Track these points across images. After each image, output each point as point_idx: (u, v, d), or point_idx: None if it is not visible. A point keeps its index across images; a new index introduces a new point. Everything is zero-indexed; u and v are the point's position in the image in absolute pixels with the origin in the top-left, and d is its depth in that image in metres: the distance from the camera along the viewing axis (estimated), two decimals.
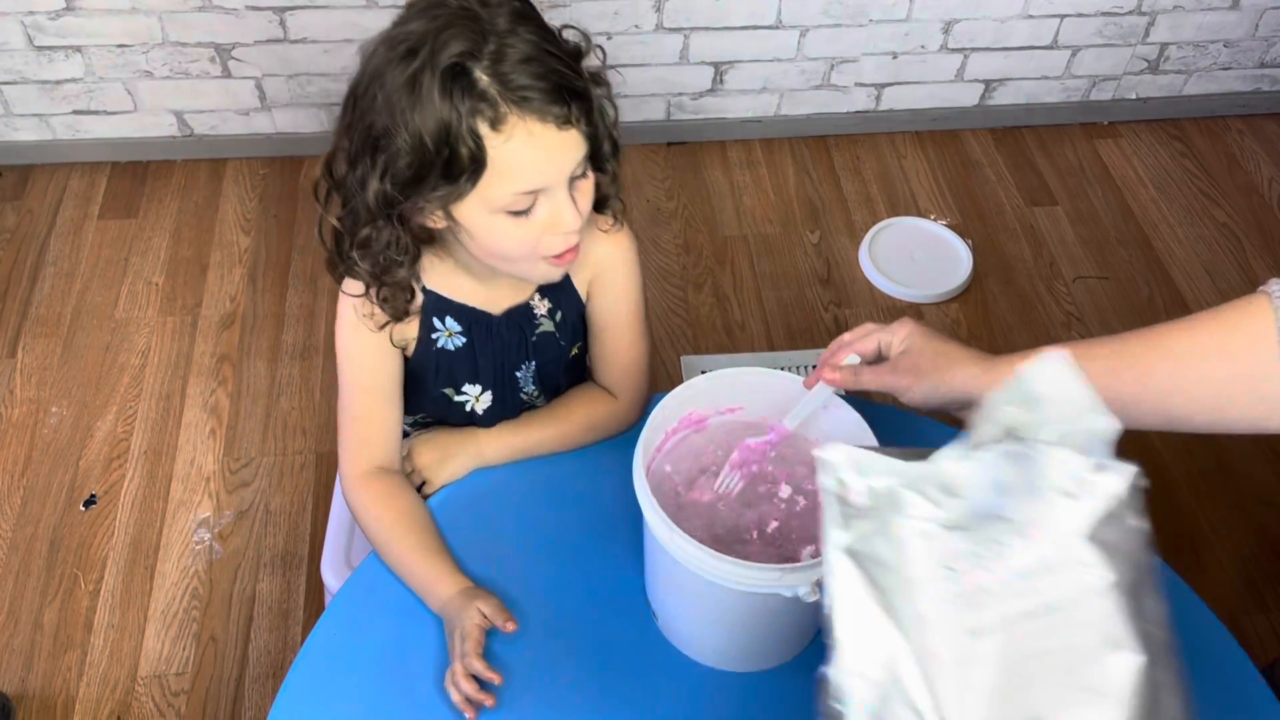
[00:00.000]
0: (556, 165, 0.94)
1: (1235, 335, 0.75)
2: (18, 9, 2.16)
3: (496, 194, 0.93)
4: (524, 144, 0.90)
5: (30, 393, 2.02)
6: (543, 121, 0.90)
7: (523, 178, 0.92)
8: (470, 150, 0.90)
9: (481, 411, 1.20)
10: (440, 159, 0.90)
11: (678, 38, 2.37)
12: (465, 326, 1.13)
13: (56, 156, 2.42)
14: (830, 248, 2.35)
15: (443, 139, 0.89)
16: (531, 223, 0.96)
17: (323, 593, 1.44)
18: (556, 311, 1.16)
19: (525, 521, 1.11)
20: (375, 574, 1.08)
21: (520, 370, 1.18)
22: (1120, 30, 2.50)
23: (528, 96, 0.89)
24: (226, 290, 2.21)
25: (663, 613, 1.02)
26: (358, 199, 0.96)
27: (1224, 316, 0.77)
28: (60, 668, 1.69)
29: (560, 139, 0.92)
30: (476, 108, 0.88)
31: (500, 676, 0.96)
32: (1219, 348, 0.76)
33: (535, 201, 0.95)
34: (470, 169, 0.91)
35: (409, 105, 0.89)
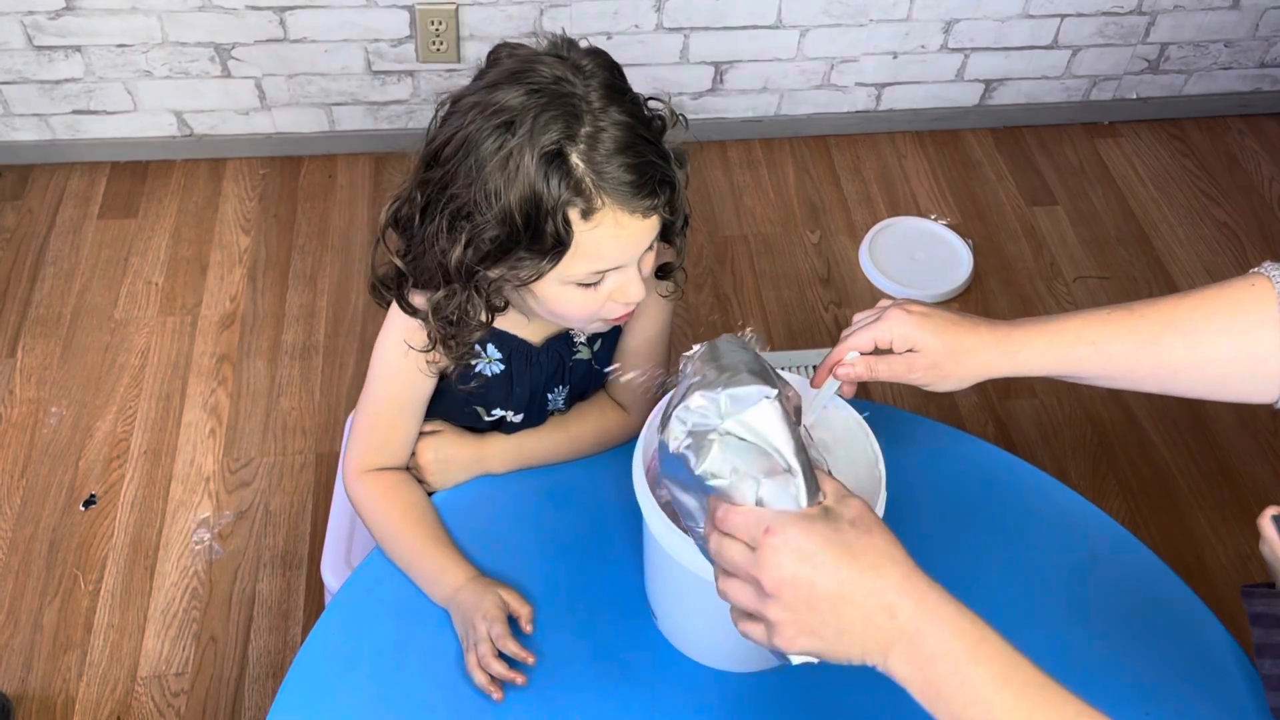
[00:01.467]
0: (632, 249, 0.95)
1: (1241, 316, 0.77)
2: (18, 9, 2.16)
3: (573, 272, 0.94)
4: (610, 232, 0.92)
5: (30, 393, 2.02)
6: (630, 213, 0.91)
7: (601, 260, 0.94)
8: (557, 233, 0.90)
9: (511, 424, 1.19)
10: (527, 237, 0.91)
11: (678, 38, 2.37)
12: (506, 355, 1.12)
13: (56, 156, 2.42)
14: (830, 248, 2.35)
15: (532, 219, 0.90)
16: (599, 293, 0.97)
17: (323, 593, 1.44)
18: (596, 340, 1.16)
19: (525, 521, 1.11)
20: (375, 574, 1.08)
21: (552, 393, 1.18)
22: (1120, 30, 2.50)
23: (621, 189, 0.90)
24: (226, 290, 2.21)
25: (662, 613, 1.02)
26: (431, 259, 0.97)
27: (1229, 295, 0.79)
28: (60, 668, 1.69)
29: (643, 226, 0.93)
30: (570, 198, 0.89)
31: (534, 657, 0.98)
32: (1227, 327, 0.78)
33: (605, 275, 0.96)
34: (554, 249, 0.91)
35: (504, 183, 0.89)
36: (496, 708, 0.97)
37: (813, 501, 0.71)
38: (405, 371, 1.09)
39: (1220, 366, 0.80)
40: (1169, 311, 0.82)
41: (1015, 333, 0.87)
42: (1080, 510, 1.14)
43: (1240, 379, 0.80)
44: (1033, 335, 0.85)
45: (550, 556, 1.08)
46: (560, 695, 0.99)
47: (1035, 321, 0.88)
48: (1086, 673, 1.02)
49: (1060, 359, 0.85)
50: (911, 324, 0.90)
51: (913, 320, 0.90)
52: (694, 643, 1.01)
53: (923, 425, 1.20)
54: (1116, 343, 0.82)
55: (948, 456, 1.18)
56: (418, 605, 1.05)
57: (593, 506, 1.12)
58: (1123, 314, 0.84)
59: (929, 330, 0.90)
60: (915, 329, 0.90)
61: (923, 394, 2.08)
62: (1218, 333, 0.79)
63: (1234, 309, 0.79)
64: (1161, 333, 0.81)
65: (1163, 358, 0.81)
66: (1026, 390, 2.10)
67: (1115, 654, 1.03)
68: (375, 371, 1.12)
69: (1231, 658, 1.03)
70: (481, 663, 0.98)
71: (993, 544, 1.11)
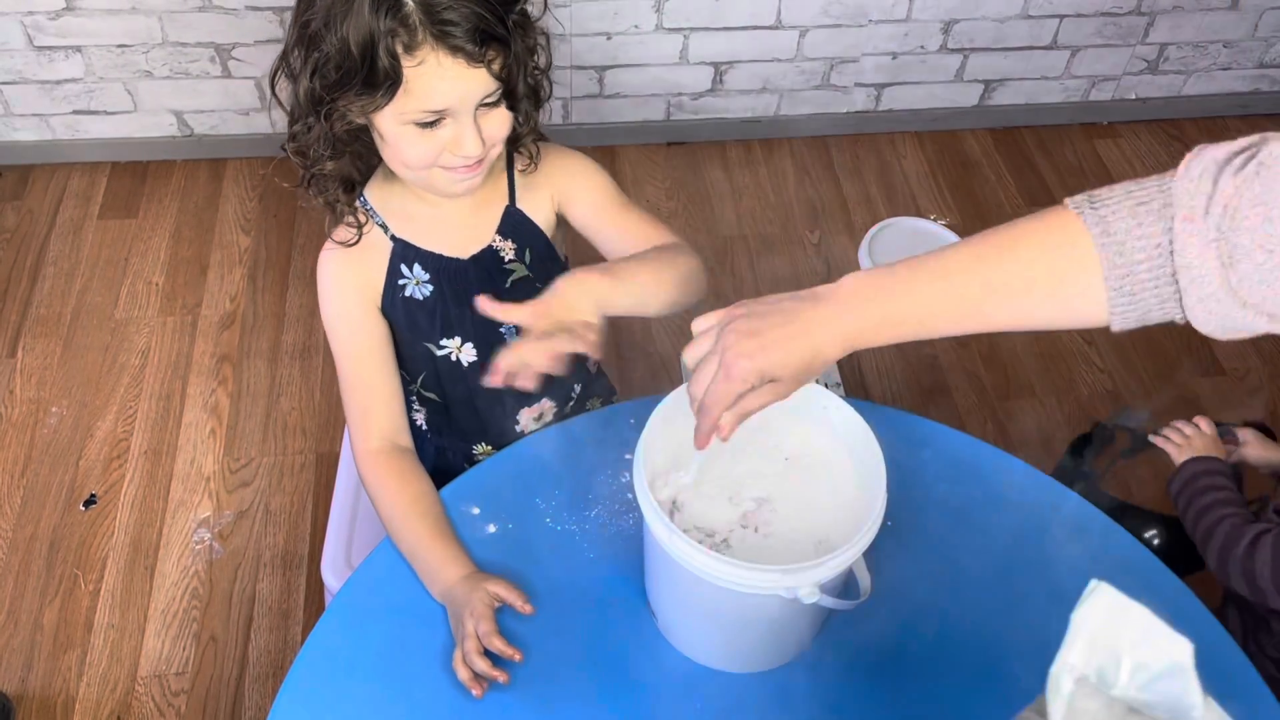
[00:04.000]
0: (461, 95, 1.01)
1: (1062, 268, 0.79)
2: (18, 9, 2.16)
3: (406, 109, 1.00)
4: (434, 72, 0.98)
5: (30, 393, 2.02)
6: (453, 56, 0.97)
7: (428, 100, 1.00)
8: (387, 67, 0.97)
9: (467, 364, 1.23)
10: (362, 69, 0.97)
11: (677, 38, 2.37)
12: (433, 274, 1.17)
13: (56, 156, 2.42)
14: (830, 248, 2.35)
15: (365, 51, 0.96)
16: (435, 137, 1.03)
17: (323, 593, 1.44)
18: (524, 252, 1.20)
19: (525, 521, 1.11)
20: (375, 574, 1.08)
21: (503, 325, 1.19)
22: (1120, 30, 2.50)
23: (446, 31, 0.96)
24: (226, 290, 2.21)
25: (662, 613, 1.02)
26: (294, 97, 1.04)
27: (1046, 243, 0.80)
28: (60, 668, 1.69)
29: (469, 74, 0.99)
30: (396, 28, 0.96)
31: (520, 654, 0.98)
32: (1051, 292, 0.81)
33: (442, 121, 1.02)
34: (387, 83, 0.98)
35: (341, 13, 0.96)
36: (496, 708, 0.98)
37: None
38: (347, 313, 1.17)
39: (1043, 318, 0.84)
40: (988, 276, 0.83)
41: (846, 317, 0.85)
42: (1080, 510, 1.15)
43: (1058, 319, 0.84)
44: (865, 321, 0.85)
45: (550, 557, 1.08)
46: (560, 695, 0.99)
47: (860, 295, 0.85)
48: None
49: (891, 335, 0.86)
50: (759, 363, 0.85)
51: (757, 360, 0.85)
52: (694, 643, 1.01)
53: (923, 425, 1.21)
54: (941, 318, 0.84)
55: (948, 456, 1.18)
56: (418, 605, 1.05)
57: (593, 506, 1.12)
58: (942, 283, 0.84)
59: (777, 358, 0.85)
60: (765, 364, 0.85)
61: (922, 395, 2.09)
62: (1041, 299, 0.82)
63: (1057, 274, 0.80)
64: (983, 302, 0.83)
65: (986, 323, 0.85)
66: (1026, 390, 2.10)
67: None
68: (330, 337, 1.19)
69: (1232, 657, 1.03)
70: (466, 659, 0.98)
71: (993, 544, 1.11)
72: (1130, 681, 0.64)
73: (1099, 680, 0.64)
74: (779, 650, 1.01)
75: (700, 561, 0.86)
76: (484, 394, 1.26)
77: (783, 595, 0.86)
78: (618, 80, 2.43)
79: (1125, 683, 0.64)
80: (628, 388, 2.06)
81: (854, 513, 0.96)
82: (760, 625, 0.96)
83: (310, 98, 1.02)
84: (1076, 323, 0.82)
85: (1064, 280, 0.79)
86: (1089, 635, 0.65)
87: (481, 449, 1.34)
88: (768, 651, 1.01)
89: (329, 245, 1.17)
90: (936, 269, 0.84)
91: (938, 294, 0.84)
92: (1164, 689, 0.64)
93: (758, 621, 0.95)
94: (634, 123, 2.52)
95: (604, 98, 2.46)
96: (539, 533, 1.10)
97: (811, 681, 1.01)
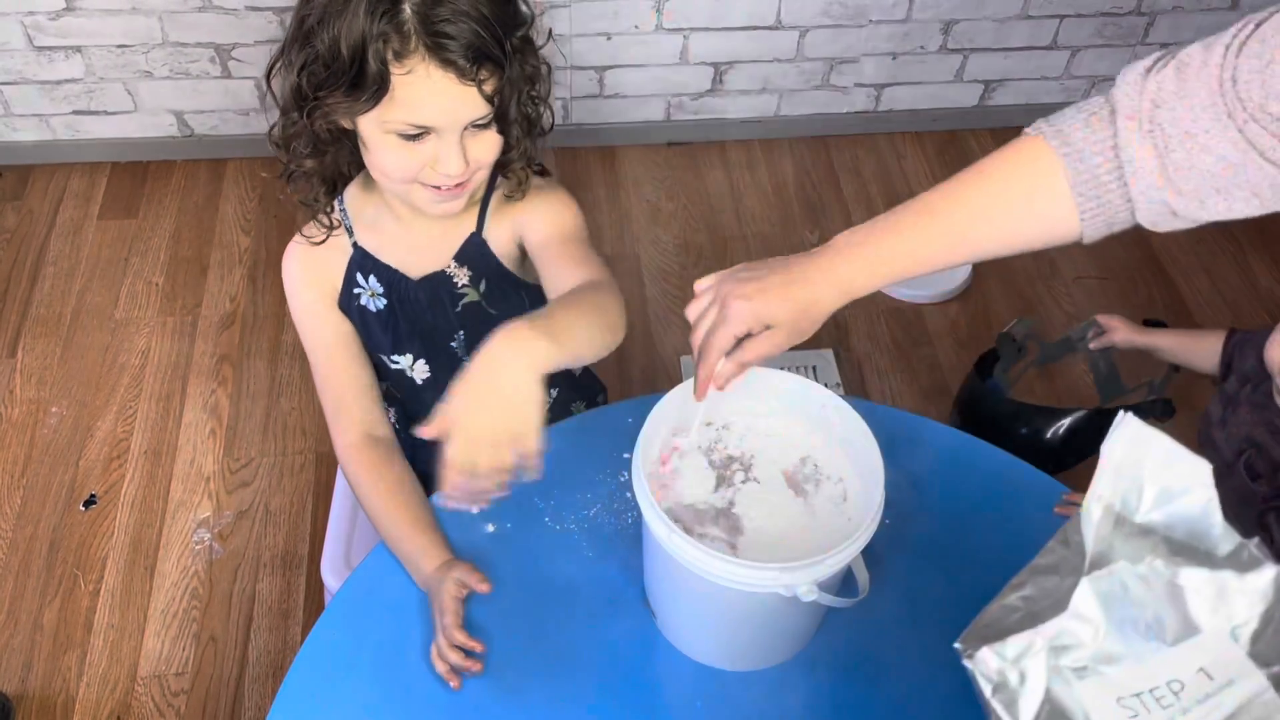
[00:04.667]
0: (447, 112, 0.98)
1: (1034, 183, 0.87)
2: (18, 9, 2.16)
3: (390, 118, 0.98)
4: (423, 84, 0.95)
5: (30, 393, 2.02)
6: (444, 69, 0.95)
7: (413, 112, 0.97)
8: (375, 72, 0.95)
9: (421, 381, 1.23)
10: (350, 70, 0.95)
11: (678, 38, 2.37)
12: (386, 288, 1.17)
13: (56, 156, 2.42)
14: None
15: (355, 53, 0.94)
16: (418, 151, 1.01)
17: (323, 593, 1.44)
18: (480, 281, 1.18)
19: (524, 520, 1.11)
20: (375, 574, 1.08)
21: (454, 341, 1.21)
22: (1119, 31, 2.50)
23: (440, 43, 0.94)
24: (226, 290, 2.21)
25: (662, 611, 1.02)
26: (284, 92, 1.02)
27: (1016, 166, 0.88)
28: (60, 668, 1.69)
29: (458, 91, 0.96)
30: (388, 33, 0.93)
31: (482, 645, 0.98)
32: (1028, 208, 0.88)
33: (426, 136, 0.99)
34: (373, 88, 0.95)
35: (337, 11, 0.94)
36: (495, 707, 0.98)
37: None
38: (312, 308, 1.17)
39: (1022, 242, 0.90)
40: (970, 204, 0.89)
41: (840, 264, 0.91)
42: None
43: (1035, 241, 0.90)
44: (860, 263, 0.91)
45: (550, 556, 1.08)
46: (560, 694, 0.99)
47: (853, 243, 0.92)
48: None
49: (886, 275, 0.91)
50: (757, 306, 0.90)
51: (755, 302, 0.90)
52: (693, 641, 1.01)
53: (923, 426, 1.21)
54: (932, 249, 0.90)
55: (948, 457, 1.18)
56: (418, 605, 1.05)
57: (592, 506, 1.12)
58: (929, 218, 0.90)
59: (775, 303, 0.90)
60: (763, 308, 0.90)
61: (921, 395, 2.09)
62: (1021, 217, 0.88)
63: (1029, 190, 0.87)
64: (969, 229, 0.89)
65: (975, 249, 0.91)
66: (1026, 390, 2.10)
67: None
68: (300, 334, 1.19)
69: None
70: (440, 653, 0.99)
71: (993, 544, 1.11)
72: (1152, 507, 0.69)
73: (1122, 507, 0.69)
74: (778, 648, 1.01)
75: (699, 559, 0.86)
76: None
77: (781, 593, 0.86)
78: (618, 80, 2.43)
79: (1147, 508, 0.69)
80: (626, 387, 2.06)
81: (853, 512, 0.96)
82: (759, 623, 0.96)
83: (296, 94, 1.01)
84: (1053, 237, 0.88)
85: (1037, 193, 0.87)
86: (1115, 465, 0.69)
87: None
88: (766, 650, 1.01)
89: (296, 239, 1.17)
90: (919, 208, 0.91)
91: (924, 229, 0.90)
92: (1183, 510, 0.68)
93: (756, 620, 0.95)
94: (634, 123, 2.52)
95: (604, 98, 2.46)
96: (538, 532, 1.10)
97: (810, 680, 1.01)
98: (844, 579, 0.96)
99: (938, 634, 1.04)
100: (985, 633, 0.70)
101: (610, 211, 2.41)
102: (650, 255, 2.32)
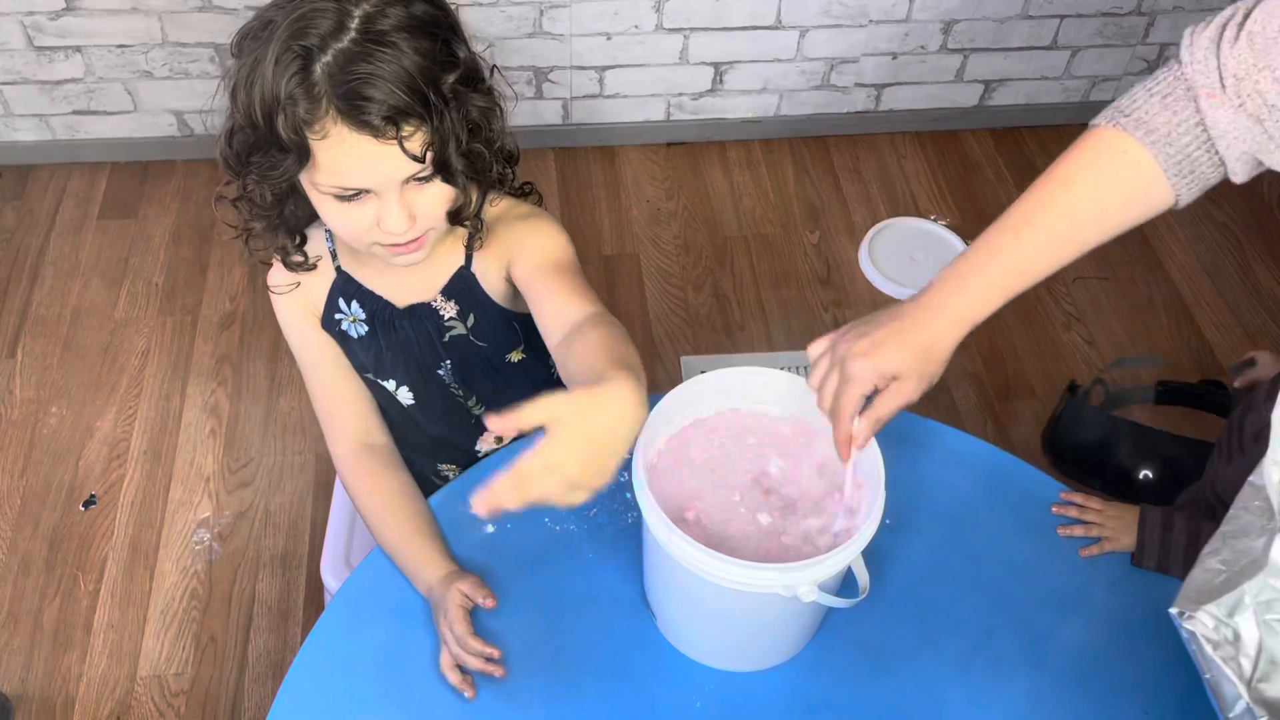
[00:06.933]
0: (376, 174, 0.93)
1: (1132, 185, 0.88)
2: (18, 9, 2.16)
3: (320, 181, 0.94)
4: (340, 149, 0.91)
5: (30, 393, 2.02)
6: (358, 131, 0.89)
7: (340, 176, 0.93)
8: (289, 138, 0.90)
9: (407, 405, 1.22)
10: (270, 134, 0.91)
11: (678, 38, 2.37)
12: (369, 315, 1.15)
13: (56, 156, 2.42)
14: (830, 248, 2.35)
15: (269, 118, 0.90)
16: (360, 211, 0.96)
17: (322, 593, 1.44)
18: (468, 315, 1.15)
19: (524, 521, 1.11)
20: (375, 574, 1.08)
21: (440, 369, 1.19)
22: (1120, 31, 2.50)
23: (354, 105, 0.88)
24: (226, 290, 2.21)
25: (662, 612, 1.02)
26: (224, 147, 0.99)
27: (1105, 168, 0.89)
28: (60, 668, 1.69)
29: (379, 151, 0.91)
30: (297, 98, 0.89)
31: (499, 650, 0.98)
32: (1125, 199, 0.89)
33: (364, 196, 0.95)
34: (292, 154, 0.91)
35: (248, 75, 0.91)
36: (495, 707, 0.98)
37: None
38: (299, 326, 1.15)
39: (1129, 223, 0.90)
40: (1066, 208, 0.89)
41: (951, 299, 0.90)
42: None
43: (1143, 218, 0.90)
44: (971, 293, 0.90)
45: (550, 557, 1.08)
46: (560, 694, 0.99)
47: (958, 275, 0.90)
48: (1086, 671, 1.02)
49: (1000, 297, 0.90)
50: (877, 361, 0.88)
51: (874, 358, 0.88)
52: (694, 643, 1.01)
53: (923, 425, 1.21)
54: (1040, 259, 0.90)
55: (948, 456, 1.18)
56: (417, 605, 1.05)
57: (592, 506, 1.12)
58: (1029, 230, 0.89)
59: (894, 353, 0.89)
60: (884, 361, 0.88)
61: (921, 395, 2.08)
62: (1119, 208, 0.89)
63: (1122, 181, 0.88)
64: (1069, 230, 0.89)
65: (1081, 247, 0.91)
66: (1026, 390, 2.10)
67: (1115, 652, 1.03)
68: (292, 349, 1.18)
69: None
70: (457, 660, 0.98)
71: (993, 544, 1.11)
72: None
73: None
74: (778, 649, 1.01)
75: (699, 560, 0.86)
76: (430, 427, 1.25)
77: (781, 593, 0.86)
78: (618, 80, 2.43)
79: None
80: None
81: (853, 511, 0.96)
82: (759, 624, 0.96)
83: (230, 160, 0.97)
84: (1153, 212, 0.90)
85: (1133, 185, 0.88)
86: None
87: (447, 467, 1.33)
88: (767, 650, 1.01)
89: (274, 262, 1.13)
90: (1015, 224, 0.90)
91: (1027, 242, 0.90)
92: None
93: (757, 620, 0.95)
94: (634, 123, 2.52)
95: (604, 98, 2.46)
96: (538, 533, 1.10)
97: (810, 680, 1.01)
98: (844, 579, 0.96)
99: (938, 633, 1.04)
100: (1197, 596, 0.74)
101: (610, 211, 2.41)
102: (650, 255, 2.32)
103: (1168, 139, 0.86)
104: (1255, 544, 0.74)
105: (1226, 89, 0.82)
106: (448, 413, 1.23)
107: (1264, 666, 0.72)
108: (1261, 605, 0.73)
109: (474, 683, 0.98)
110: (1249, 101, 0.82)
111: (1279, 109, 0.81)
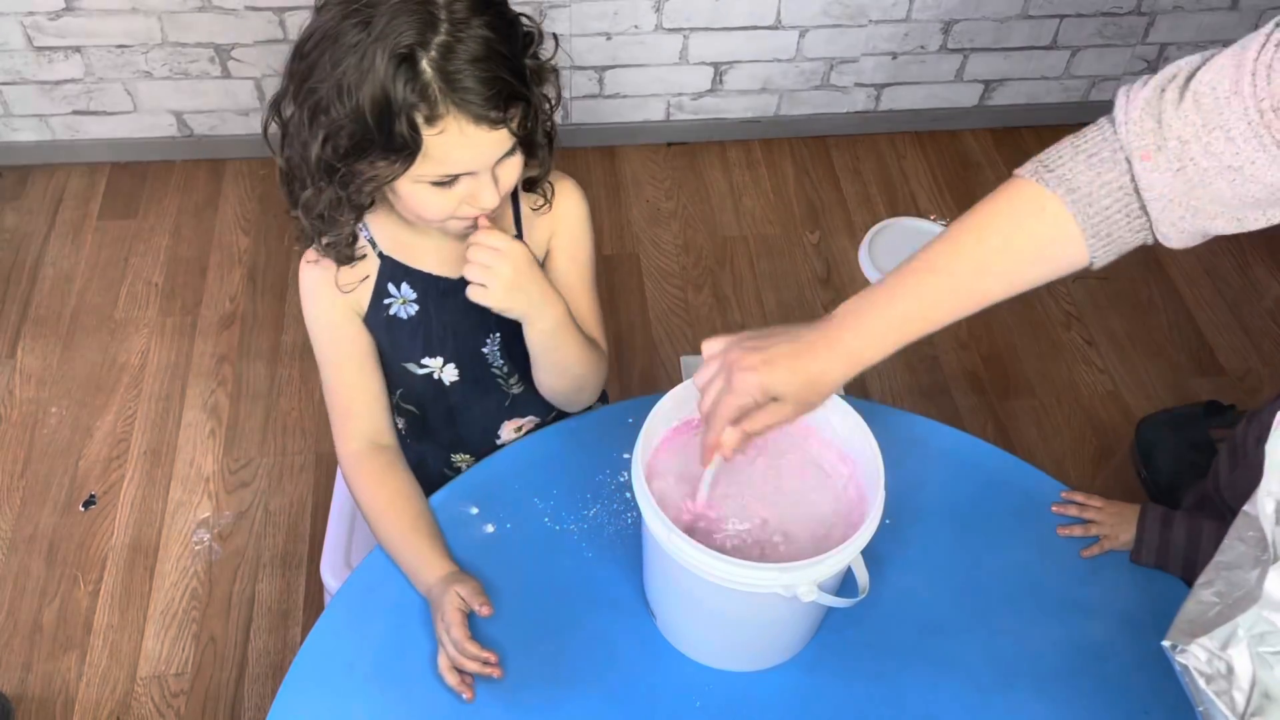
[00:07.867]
0: (482, 157, 0.98)
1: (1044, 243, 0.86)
2: (17, 9, 2.16)
3: (423, 173, 0.97)
4: (455, 140, 0.94)
5: (30, 393, 2.02)
6: (476, 123, 0.94)
7: (447, 165, 0.97)
8: (405, 135, 0.93)
9: (449, 383, 1.22)
10: (380, 137, 0.93)
11: (677, 38, 2.37)
12: (420, 293, 1.15)
13: (56, 157, 2.42)
14: (830, 248, 2.35)
15: (383, 120, 0.92)
16: (452, 193, 1.00)
17: (322, 593, 1.44)
18: None
19: (524, 520, 1.11)
20: (375, 574, 1.08)
21: (486, 346, 1.20)
22: (1119, 31, 2.50)
23: (467, 99, 0.92)
24: (226, 290, 2.21)
25: (661, 612, 1.02)
26: (297, 157, 1.00)
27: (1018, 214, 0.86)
28: (60, 668, 1.69)
29: (490, 137, 0.96)
30: (416, 101, 0.92)
31: (495, 654, 0.98)
32: (1035, 257, 0.87)
33: (459, 178, 0.99)
34: (403, 151, 0.94)
35: (356, 80, 0.92)
36: (495, 707, 0.98)
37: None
38: (330, 319, 1.14)
39: (1038, 281, 0.88)
40: (975, 258, 0.87)
41: (846, 335, 0.89)
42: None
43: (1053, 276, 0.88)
44: (866, 333, 0.89)
45: (549, 556, 1.08)
46: (559, 694, 0.99)
47: (857, 311, 0.89)
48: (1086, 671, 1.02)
49: (895, 341, 0.89)
50: (763, 378, 0.88)
51: (760, 374, 0.88)
52: (694, 643, 1.01)
53: (923, 425, 1.21)
54: (941, 308, 0.88)
55: (948, 456, 1.18)
56: (417, 605, 1.05)
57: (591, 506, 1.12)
58: (932, 277, 0.88)
59: (781, 375, 0.88)
60: (769, 380, 0.88)
61: (921, 395, 2.09)
62: (1030, 264, 0.87)
63: (1037, 238, 0.86)
64: (975, 282, 0.88)
65: (984, 299, 0.88)
66: (1026, 390, 2.10)
67: (1114, 653, 1.03)
68: (312, 339, 1.17)
69: None
70: (455, 663, 0.98)
71: (993, 544, 1.11)
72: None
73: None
74: (778, 648, 1.01)
75: (699, 560, 0.86)
76: (465, 410, 1.26)
77: (781, 593, 0.86)
78: (618, 80, 2.43)
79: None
80: (626, 387, 2.06)
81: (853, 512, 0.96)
82: (759, 624, 0.96)
83: (321, 166, 0.98)
84: (1062, 272, 0.88)
85: (1045, 241, 0.86)
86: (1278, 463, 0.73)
87: (461, 458, 1.33)
88: (766, 650, 1.01)
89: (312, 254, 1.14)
90: (921, 267, 0.88)
91: (931, 288, 0.88)
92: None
93: (756, 620, 0.95)
94: (634, 123, 2.52)
95: (604, 98, 2.46)
96: (538, 532, 1.10)
97: (810, 680, 1.01)
98: (844, 579, 0.96)
99: (938, 633, 1.04)
100: (1190, 628, 0.73)
101: (610, 211, 2.41)
102: (650, 255, 2.32)
103: (1089, 199, 0.83)
104: (1249, 575, 0.73)
105: (1166, 152, 0.79)
106: (484, 394, 1.24)
107: (1257, 700, 0.71)
108: (1255, 638, 0.72)
109: (472, 684, 0.98)
110: (1190, 166, 0.79)
111: (1235, 169, 0.77)
